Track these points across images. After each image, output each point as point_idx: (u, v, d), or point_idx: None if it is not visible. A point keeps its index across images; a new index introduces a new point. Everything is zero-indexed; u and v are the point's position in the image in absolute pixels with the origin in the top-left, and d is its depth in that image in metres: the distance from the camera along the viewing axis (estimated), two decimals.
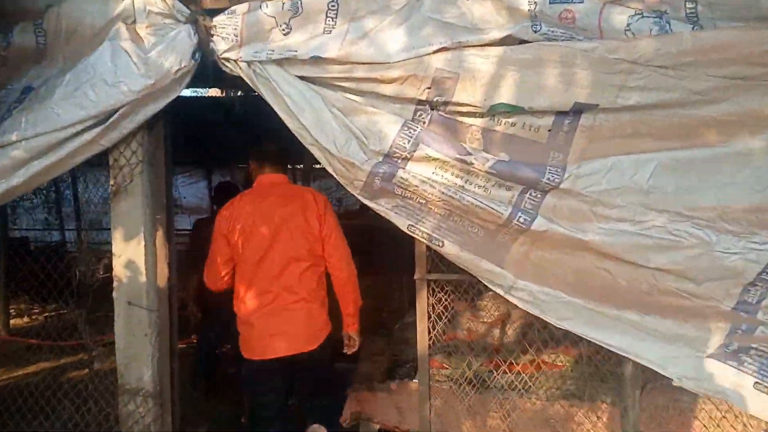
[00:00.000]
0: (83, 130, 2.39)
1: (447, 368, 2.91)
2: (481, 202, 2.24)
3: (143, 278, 2.60)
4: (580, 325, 2.29)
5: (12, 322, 5.93)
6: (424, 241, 2.37)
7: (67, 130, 2.39)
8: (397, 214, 2.37)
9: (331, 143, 2.30)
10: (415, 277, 2.43)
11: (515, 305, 2.38)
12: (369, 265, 5.27)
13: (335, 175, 2.38)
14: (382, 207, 2.38)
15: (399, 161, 2.30)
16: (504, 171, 2.23)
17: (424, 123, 2.32)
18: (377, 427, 2.99)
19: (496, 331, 3.32)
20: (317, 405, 2.57)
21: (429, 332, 2.47)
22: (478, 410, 2.84)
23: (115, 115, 2.39)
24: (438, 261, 2.44)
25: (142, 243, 2.60)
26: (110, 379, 2.73)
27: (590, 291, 2.28)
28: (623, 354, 2.30)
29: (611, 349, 2.31)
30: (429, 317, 2.45)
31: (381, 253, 5.08)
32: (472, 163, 2.23)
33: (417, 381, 3.02)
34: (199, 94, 7.74)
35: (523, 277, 2.31)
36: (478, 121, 2.31)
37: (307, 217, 2.44)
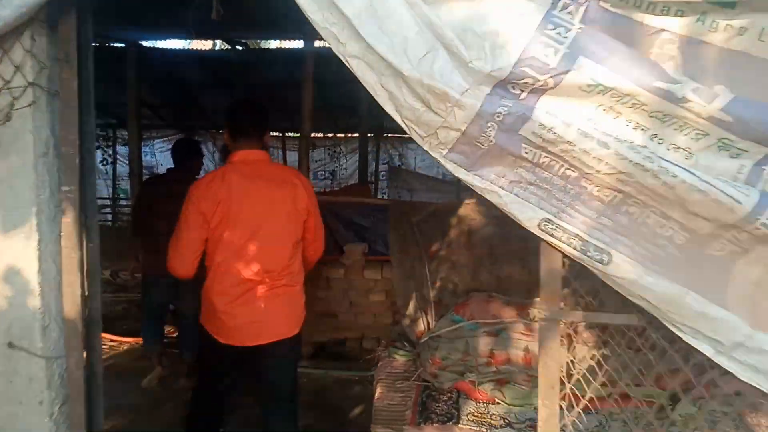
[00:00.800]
0: None
1: (499, 403, 2.43)
2: (699, 179, 1.12)
3: (36, 301, 1.43)
4: None
5: None
6: (570, 250, 1.24)
7: None
8: (520, 197, 1.24)
9: (401, 54, 1.15)
10: (539, 317, 1.27)
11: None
12: (378, 253, 4.35)
13: (401, 121, 1.23)
14: (489, 184, 1.24)
15: (526, 95, 1.17)
16: (746, 118, 1.11)
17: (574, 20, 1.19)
18: None
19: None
20: (279, 410, 2.50)
21: (561, 415, 1.31)
22: None
23: None
24: (575, 282, 1.31)
25: (35, 236, 1.43)
26: None
27: None
28: None
29: None
30: (561, 386, 1.29)
31: (398, 237, 4.09)
32: (687, 101, 1.11)
33: (464, 426, 2.44)
34: (183, 48, 7.07)
35: (760, 326, 1.21)
36: (675, 24, 1.19)
37: (297, 203, 2.39)
